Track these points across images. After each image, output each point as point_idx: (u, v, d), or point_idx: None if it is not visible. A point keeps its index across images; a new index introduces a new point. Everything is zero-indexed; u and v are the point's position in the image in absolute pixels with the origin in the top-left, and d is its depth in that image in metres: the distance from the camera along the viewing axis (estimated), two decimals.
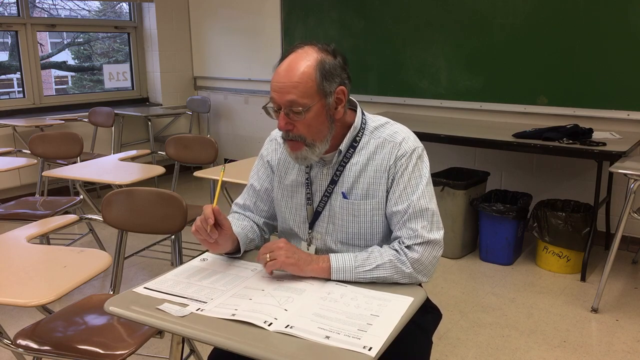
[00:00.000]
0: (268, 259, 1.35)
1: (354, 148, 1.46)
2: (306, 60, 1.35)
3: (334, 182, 1.46)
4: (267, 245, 1.39)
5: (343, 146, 1.44)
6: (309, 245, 1.51)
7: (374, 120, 1.50)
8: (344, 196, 1.45)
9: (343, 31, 4.47)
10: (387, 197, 1.43)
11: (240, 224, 1.55)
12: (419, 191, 1.40)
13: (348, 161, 1.45)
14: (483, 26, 3.81)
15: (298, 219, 1.53)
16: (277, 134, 1.60)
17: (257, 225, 1.61)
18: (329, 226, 1.48)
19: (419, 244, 1.37)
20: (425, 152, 1.46)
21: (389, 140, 1.44)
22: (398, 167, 1.42)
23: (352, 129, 1.45)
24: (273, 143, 1.60)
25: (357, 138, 1.46)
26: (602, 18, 3.37)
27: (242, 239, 1.49)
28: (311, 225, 1.51)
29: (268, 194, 1.60)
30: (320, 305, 1.23)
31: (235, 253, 1.50)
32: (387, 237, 1.46)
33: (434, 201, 1.42)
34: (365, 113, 1.51)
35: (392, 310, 1.21)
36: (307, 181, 1.50)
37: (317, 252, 1.49)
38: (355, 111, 1.48)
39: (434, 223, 1.40)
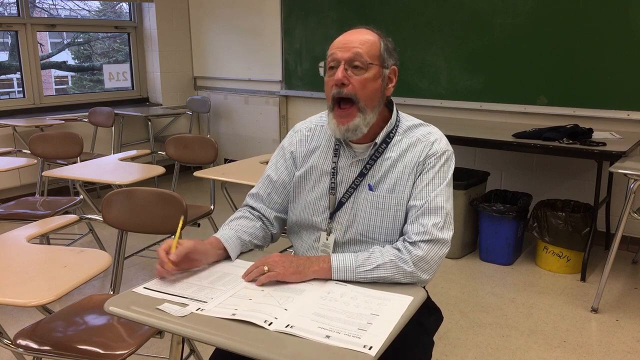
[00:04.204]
0: (266, 270, 1.31)
1: (387, 144, 1.48)
2: (369, 33, 1.47)
3: (362, 174, 1.47)
4: (261, 260, 1.36)
5: (379, 139, 1.46)
6: (328, 235, 1.50)
7: (407, 119, 1.53)
8: (370, 188, 1.46)
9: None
10: (411, 192, 1.45)
11: (235, 224, 1.51)
12: (438, 190, 1.42)
13: (380, 156, 1.47)
14: (483, 26, 3.81)
15: (317, 208, 1.51)
16: (302, 126, 1.61)
17: (267, 218, 1.57)
18: (350, 217, 1.48)
19: (426, 241, 1.37)
20: (453, 157, 1.49)
21: (422, 139, 1.47)
22: (426, 164, 1.44)
23: (388, 124, 1.48)
24: (298, 134, 1.60)
25: (391, 134, 1.48)
26: (602, 18, 3.37)
27: (230, 245, 1.44)
28: (332, 215, 1.50)
29: (285, 186, 1.58)
30: (320, 304, 1.23)
31: (227, 259, 1.46)
32: None
33: (450, 202, 1.44)
34: (400, 112, 1.54)
35: (392, 309, 1.21)
36: (333, 170, 1.50)
37: (335, 243, 1.49)
38: (391, 110, 1.52)
39: (446, 222, 1.40)
